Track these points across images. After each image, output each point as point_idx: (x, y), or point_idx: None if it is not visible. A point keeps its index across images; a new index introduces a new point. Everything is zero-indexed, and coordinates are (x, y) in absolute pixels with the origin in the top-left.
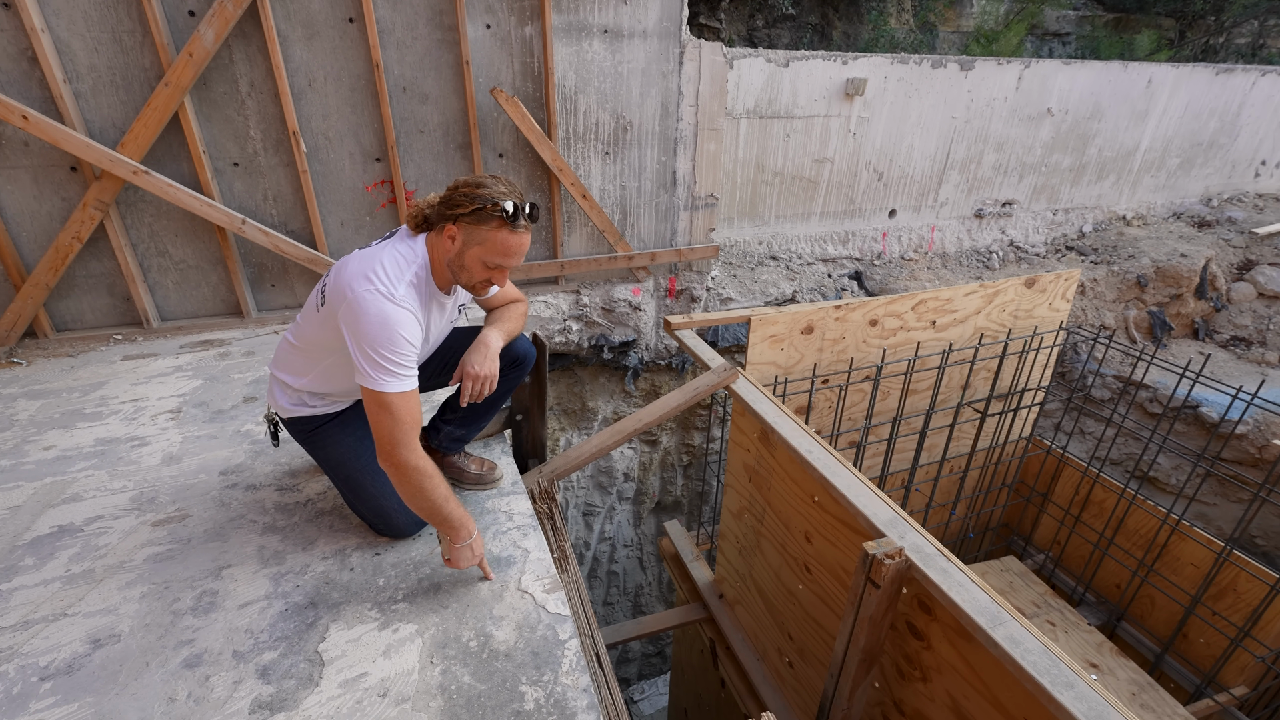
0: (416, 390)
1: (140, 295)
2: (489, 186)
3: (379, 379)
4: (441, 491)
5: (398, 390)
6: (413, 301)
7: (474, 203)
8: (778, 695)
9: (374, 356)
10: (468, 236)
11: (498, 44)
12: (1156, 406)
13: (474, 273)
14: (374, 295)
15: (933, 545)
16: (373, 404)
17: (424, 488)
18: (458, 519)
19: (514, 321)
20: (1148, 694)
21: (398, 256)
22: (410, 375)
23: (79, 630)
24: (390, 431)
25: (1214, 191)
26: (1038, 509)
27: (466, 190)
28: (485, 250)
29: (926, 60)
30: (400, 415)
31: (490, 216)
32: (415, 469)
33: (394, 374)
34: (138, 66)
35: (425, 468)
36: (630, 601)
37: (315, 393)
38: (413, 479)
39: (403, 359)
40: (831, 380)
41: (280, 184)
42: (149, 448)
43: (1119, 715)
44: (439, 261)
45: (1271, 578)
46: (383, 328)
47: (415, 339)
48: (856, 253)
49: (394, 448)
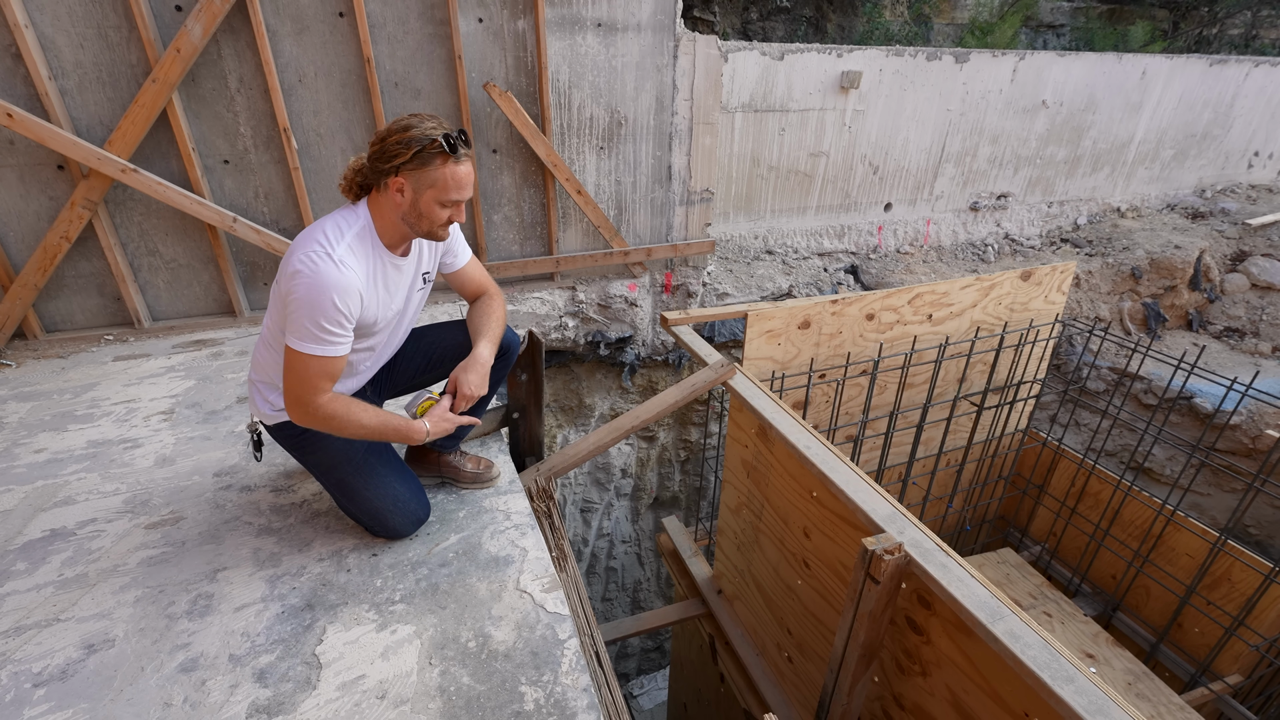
0: (341, 359)
1: (131, 295)
2: (418, 126)
3: (307, 340)
4: (361, 420)
5: (322, 354)
6: (354, 261)
7: (411, 147)
8: (777, 690)
9: (306, 319)
10: (416, 183)
11: (490, 38)
12: (1151, 398)
13: (434, 217)
14: (310, 257)
15: (932, 540)
16: (288, 363)
17: (345, 427)
18: (394, 430)
19: (499, 326)
20: (1143, 683)
21: (337, 221)
22: (339, 342)
23: (73, 635)
24: (299, 386)
25: (1208, 183)
26: (1034, 501)
27: (398, 138)
28: (438, 190)
29: (921, 53)
30: (314, 372)
31: (432, 155)
32: (323, 412)
33: (325, 338)
34: (124, 63)
35: (335, 409)
36: (629, 597)
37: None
38: (328, 425)
39: (332, 324)
40: (828, 375)
41: (272, 181)
42: (142, 449)
43: (1119, 709)
44: (389, 219)
45: (1265, 567)
46: (315, 290)
47: (351, 306)
48: (852, 247)
49: (301, 399)
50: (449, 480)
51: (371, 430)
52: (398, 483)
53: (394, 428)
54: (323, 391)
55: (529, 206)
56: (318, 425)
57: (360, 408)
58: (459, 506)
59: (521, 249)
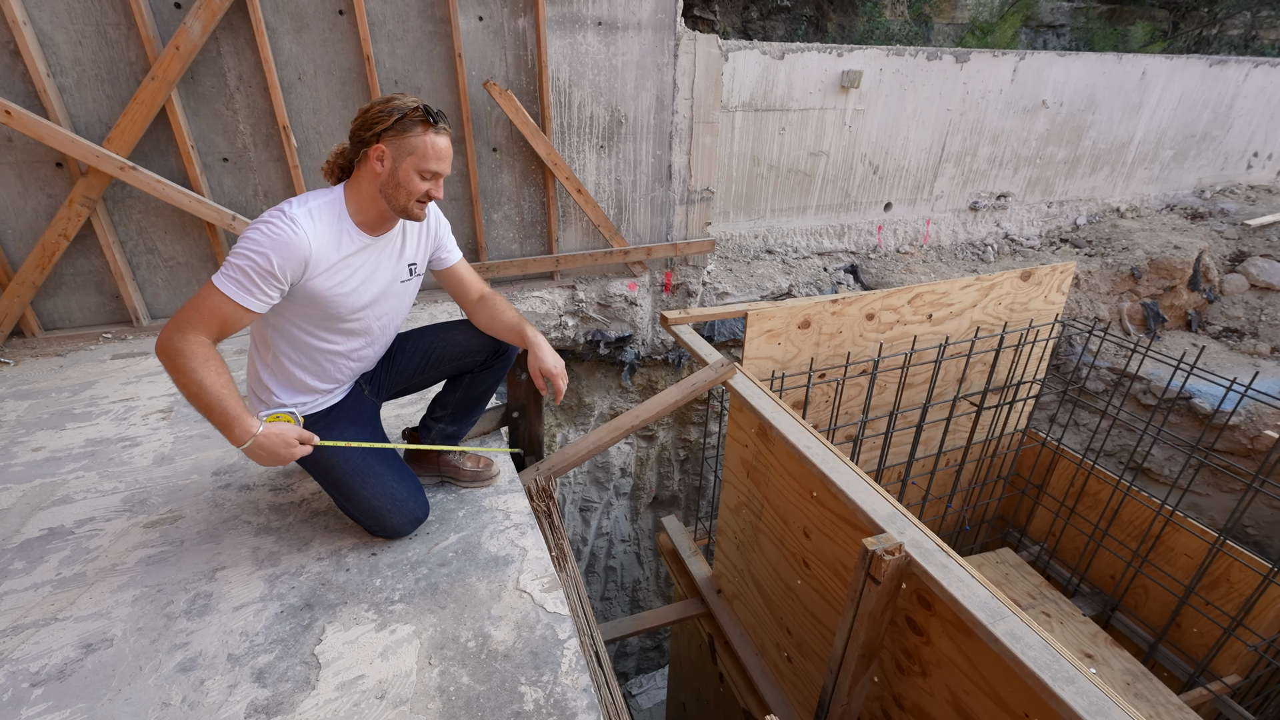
0: (245, 311)
1: (129, 293)
2: (399, 99)
3: (221, 278)
4: (200, 376)
5: (227, 294)
6: (309, 224)
7: (393, 115)
8: (776, 690)
9: (235, 258)
10: (397, 150)
11: (490, 36)
12: (1150, 398)
13: (412, 187)
14: (265, 217)
15: (932, 541)
16: (200, 291)
17: (182, 368)
18: (220, 414)
19: (515, 313)
20: (1142, 683)
21: (304, 195)
22: (252, 294)
23: (70, 635)
24: (183, 315)
25: (1207, 183)
26: (1033, 501)
27: (380, 108)
28: (418, 158)
29: (922, 52)
30: (205, 309)
31: (414, 123)
32: (174, 348)
33: (238, 282)
34: (123, 60)
35: (191, 349)
36: (628, 596)
37: (286, 387)
38: (171, 358)
39: (254, 270)
40: (828, 375)
41: (271, 179)
42: (140, 448)
43: (1120, 710)
44: (366, 195)
45: (1264, 567)
46: (252, 231)
47: (282, 261)
48: (852, 246)
49: (172, 328)
50: (448, 479)
51: (203, 393)
52: (396, 482)
53: (223, 408)
54: (195, 327)
55: (529, 205)
56: (166, 357)
57: (213, 370)
58: (458, 506)
59: (521, 248)
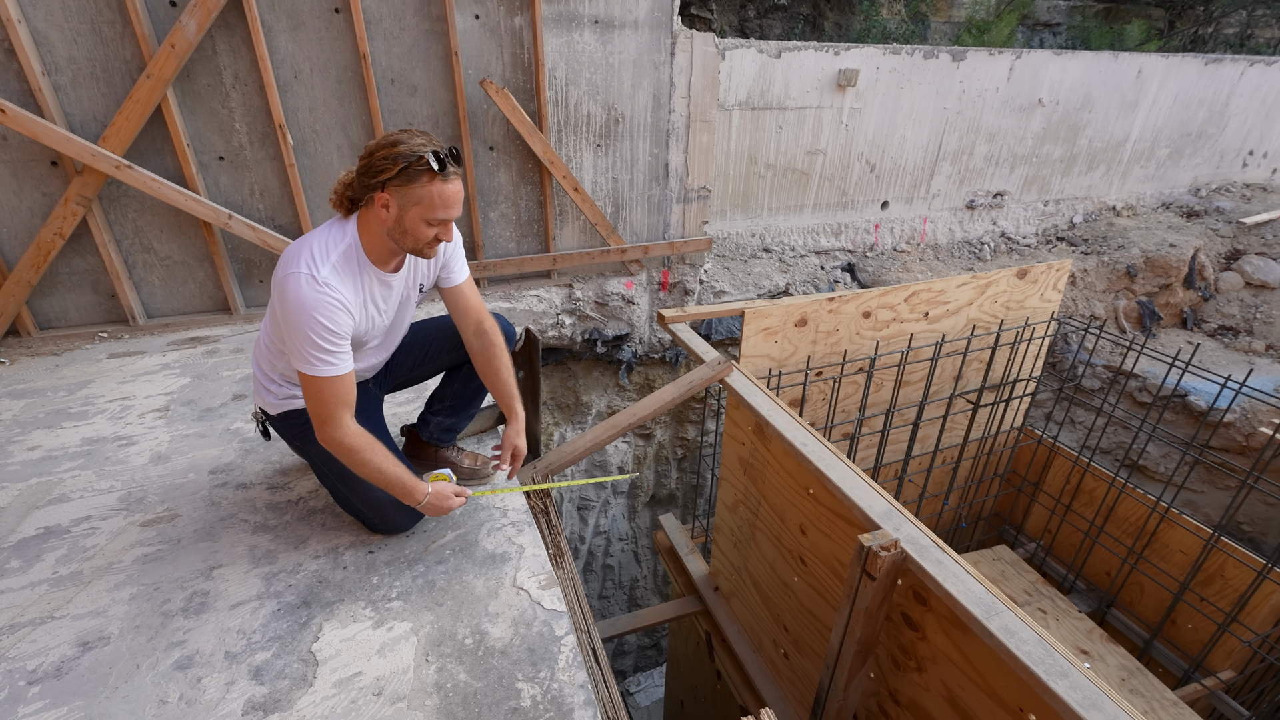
0: (347, 374)
1: (125, 292)
2: (406, 142)
3: (307, 364)
4: (375, 464)
5: (325, 375)
6: (339, 282)
7: (397, 163)
8: (773, 687)
9: (300, 342)
10: (402, 200)
11: (487, 35)
12: (1146, 396)
13: (419, 235)
14: (294, 279)
15: (928, 537)
16: (302, 385)
17: (355, 462)
18: (400, 484)
19: (511, 374)
20: (1137, 679)
21: (326, 238)
22: (338, 360)
23: (67, 633)
24: (317, 411)
25: (1202, 181)
26: (1029, 498)
27: (385, 153)
28: (424, 209)
29: (918, 51)
30: (325, 397)
31: (419, 172)
32: (342, 445)
33: (321, 360)
34: (118, 58)
35: (354, 443)
36: (626, 595)
37: (296, 382)
38: (343, 455)
39: (327, 344)
40: (825, 373)
41: (267, 178)
42: (136, 447)
43: (1112, 703)
44: (376, 236)
45: (1258, 563)
46: (301, 314)
47: (340, 324)
48: (849, 245)
49: (322, 425)
50: None
51: (383, 475)
52: None
53: (402, 482)
54: (340, 419)
55: (526, 204)
56: (343, 455)
57: (382, 454)
58: None
59: (518, 246)
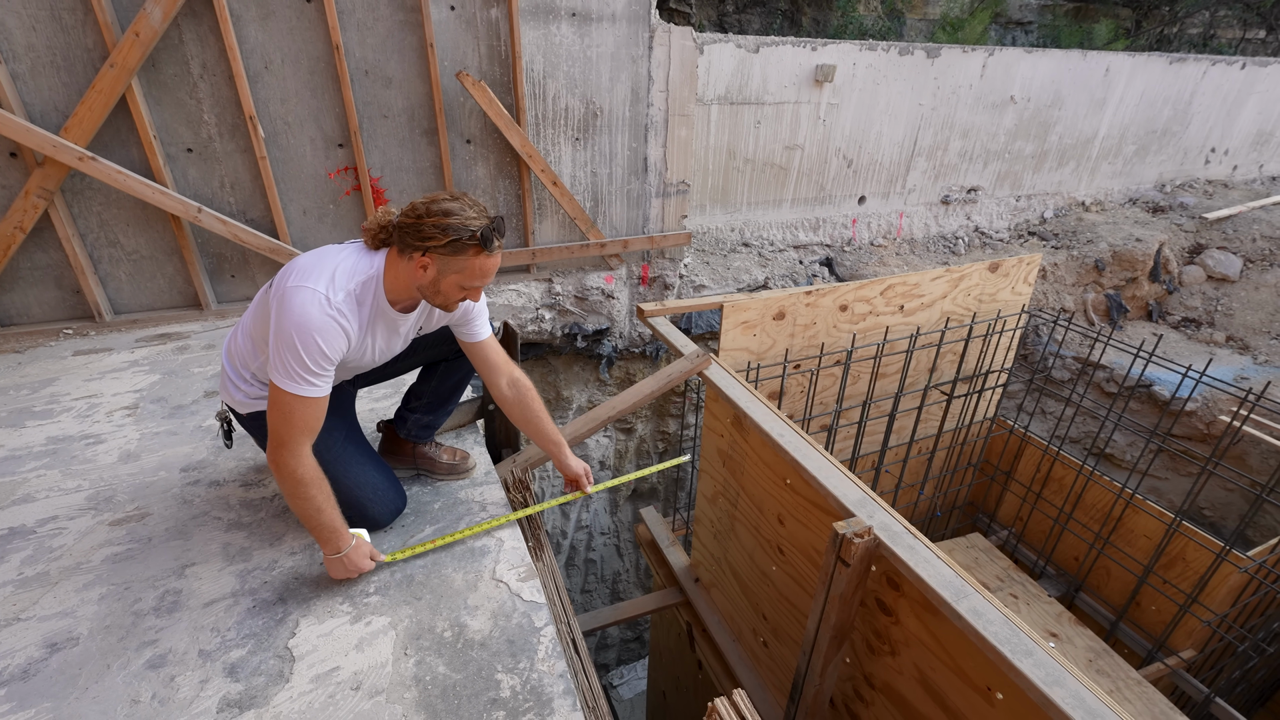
0: (321, 400)
1: (91, 288)
2: (458, 215)
3: (289, 378)
4: (315, 503)
5: (303, 394)
6: (349, 312)
7: (447, 234)
8: (753, 674)
9: (287, 355)
10: (443, 266)
11: (463, 26)
12: (1113, 386)
13: (450, 296)
14: (308, 294)
15: (900, 524)
16: (272, 398)
17: (298, 494)
18: (329, 530)
19: (549, 418)
20: (1103, 660)
21: (352, 264)
22: (319, 384)
23: (34, 635)
24: (278, 430)
25: (1167, 178)
26: (1001, 487)
27: (436, 221)
28: (463, 277)
29: (894, 47)
30: (294, 420)
31: (467, 246)
32: (292, 475)
33: (304, 378)
34: (80, 46)
35: (304, 475)
36: (608, 589)
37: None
38: (288, 484)
39: (315, 366)
40: (803, 365)
41: (238, 171)
42: (104, 445)
43: (1074, 679)
44: (403, 283)
45: (1217, 546)
46: (303, 330)
47: (335, 350)
48: (827, 239)
49: (278, 448)
50: (424, 472)
51: (319, 515)
52: (375, 472)
53: (334, 528)
54: (299, 446)
55: (504, 198)
56: (280, 478)
57: (325, 494)
58: (434, 498)
59: None
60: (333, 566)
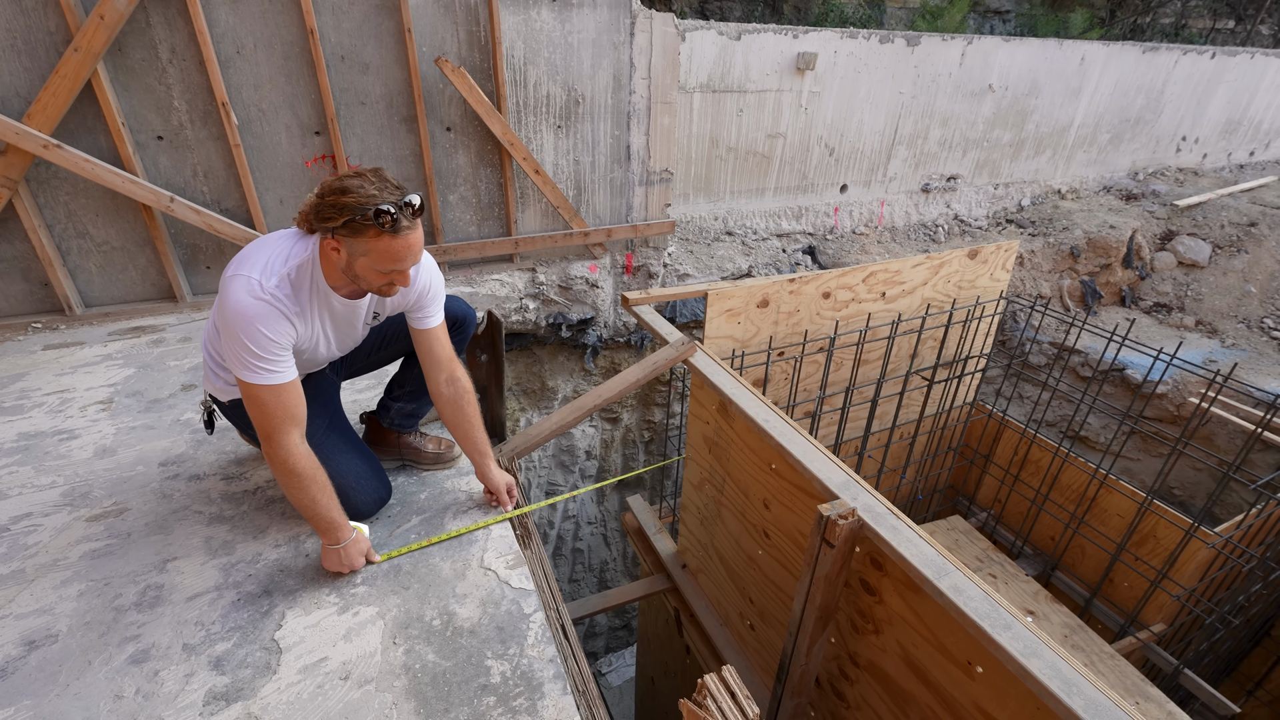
0: (290, 383)
1: (60, 280)
2: (355, 193)
3: (246, 369)
4: (310, 494)
5: (265, 382)
6: (284, 298)
7: (343, 214)
8: (740, 657)
9: (236, 346)
10: (350, 249)
11: (441, 11)
12: (1087, 370)
13: (371, 280)
14: (242, 281)
15: (883, 505)
16: (242, 393)
17: (291, 486)
18: (326, 522)
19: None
20: (1078, 635)
21: (287, 249)
22: (278, 370)
23: (11, 633)
24: (259, 424)
25: (1140, 166)
26: (981, 470)
27: (334, 201)
28: (372, 259)
29: (875, 35)
30: (270, 410)
31: (364, 226)
32: (283, 465)
33: (260, 366)
34: (41, 29)
35: (295, 467)
36: (596, 577)
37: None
38: (281, 476)
39: (266, 353)
40: (787, 352)
41: (211, 159)
42: (79, 440)
43: (1050, 651)
44: (333, 267)
45: (1186, 523)
46: (241, 319)
47: (281, 334)
48: (810, 228)
49: (266, 441)
50: (409, 462)
51: (315, 507)
52: (359, 460)
53: (331, 520)
54: (285, 437)
55: (486, 186)
56: (274, 471)
57: (322, 486)
58: (420, 488)
59: (479, 230)
60: (328, 557)
